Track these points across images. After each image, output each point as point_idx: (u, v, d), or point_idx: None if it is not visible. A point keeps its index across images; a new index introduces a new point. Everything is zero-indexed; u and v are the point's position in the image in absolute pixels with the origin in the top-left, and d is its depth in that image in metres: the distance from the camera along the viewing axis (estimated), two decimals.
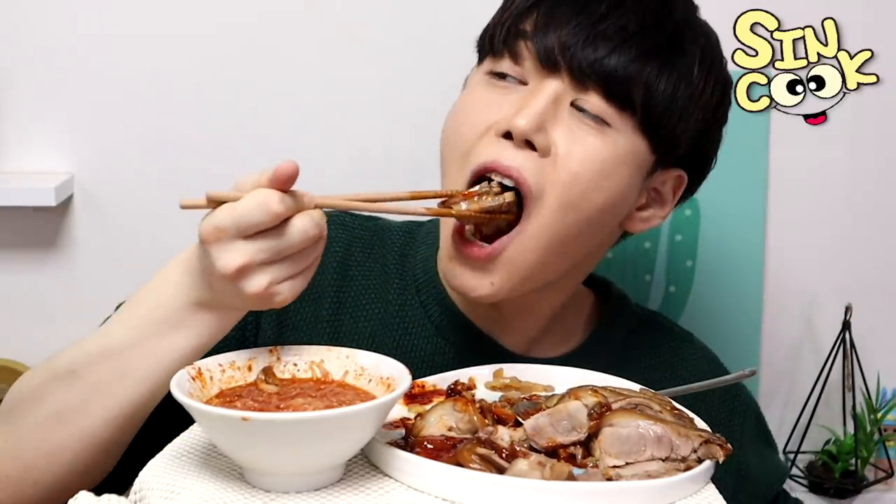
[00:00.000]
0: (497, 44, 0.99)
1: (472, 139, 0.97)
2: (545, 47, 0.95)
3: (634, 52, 0.95)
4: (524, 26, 0.97)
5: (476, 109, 0.98)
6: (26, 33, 1.39)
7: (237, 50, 1.41)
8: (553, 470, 0.76)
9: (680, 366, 1.12)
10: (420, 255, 1.09)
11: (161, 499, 0.77)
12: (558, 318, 1.09)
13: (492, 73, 0.99)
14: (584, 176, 0.95)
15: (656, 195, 1.04)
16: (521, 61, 0.97)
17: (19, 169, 1.42)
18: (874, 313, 1.50)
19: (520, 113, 0.94)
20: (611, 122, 0.96)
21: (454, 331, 1.06)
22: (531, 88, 0.97)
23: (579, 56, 0.94)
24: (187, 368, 0.81)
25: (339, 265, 1.06)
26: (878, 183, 1.48)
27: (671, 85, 0.96)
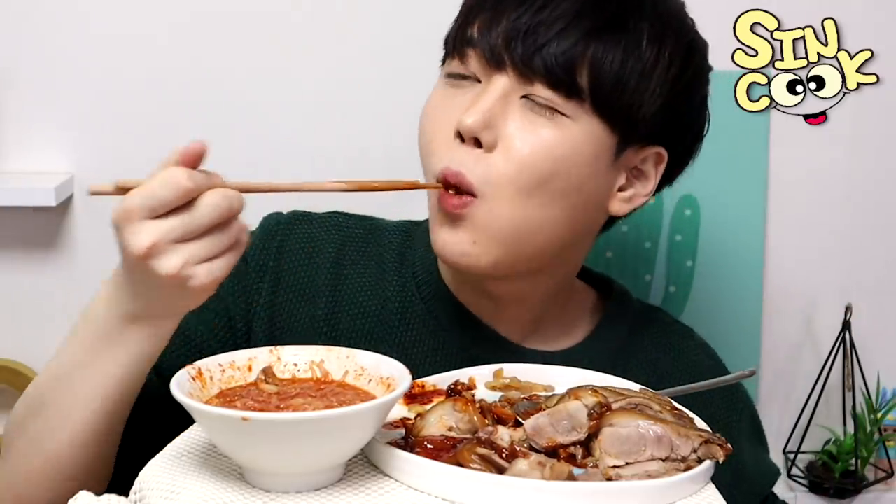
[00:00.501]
0: (450, 45, 1.01)
1: (433, 142, 0.98)
2: (489, 44, 0.96)
3: (574, 38, 0.95)
4: (472, 26, 0.99)
5: (436, 112, 1.00)
6: (26, 33, 1.39)
7: (238, 50, 1.41)
8: (553, 470, 0.76)
9: (681, 361, 1.12)
10: (419, 253, 1.09)
11: (161, 499, 0.77)
12: (558, 312, 1.09)
13: (448, 74, 1.01)
14: (537, 164, 0.95)
15: (637, 173, 1.04)
16: (468, 60, 0.98)
17: (19, 169, 1.42)
18: (874, 313, 1.50)
19: (467, 111, 0.95)
20: (562, 110, 0.96)
21: (457, 324, 1.06)
22: (482, 86, 0.98)
23: (521, 49, 0.95)
24: (187, 368, 0.81)
25: (332, 265, 1.07)
26: (878, 183, 1.48)
27: (617, 63, 0.96)
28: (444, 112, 0.99)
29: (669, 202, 1.44)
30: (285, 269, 1.06)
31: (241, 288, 1.05)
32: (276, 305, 1.05)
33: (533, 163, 0.95)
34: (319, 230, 1.09)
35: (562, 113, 0.96)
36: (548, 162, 0.96)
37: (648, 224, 1.44)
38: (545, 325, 1.09)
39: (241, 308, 1.04)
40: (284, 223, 1.09)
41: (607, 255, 1.44)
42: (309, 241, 1.08)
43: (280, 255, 1.07)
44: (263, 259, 1.06)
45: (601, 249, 1.44)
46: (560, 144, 0.96)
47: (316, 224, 1.10)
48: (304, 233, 1.09)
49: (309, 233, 1.09)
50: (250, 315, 1.04)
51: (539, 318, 1.09)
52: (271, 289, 1.05)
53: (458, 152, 0.96)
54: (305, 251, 1.07)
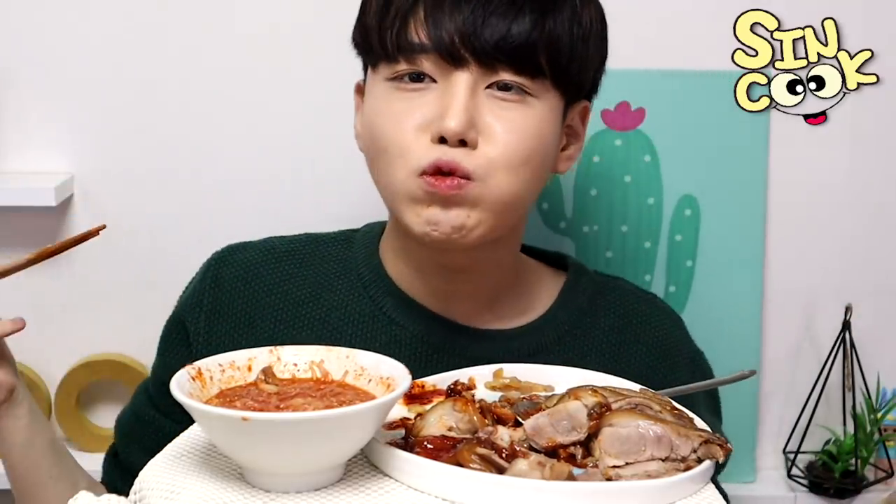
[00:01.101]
0: (391, 49, 0.99)
1: (406, 143, 0.98)
2: (445, 45, 0.96)
3: (529, 19, 0.97)
4: (414, 27, 0.98)
5: (397, 117, 0.99)
6: (26, 33, 1.39)
7: (238, 50, 1.41)
8: (553, 470, 0.76)
9: (644, 326, 1.14)
10: (362, 255, 1.11)
11: (161, 499, 0.77)
12: (512, 288, 1.11)
13: (394, 79, 1.00)
14: (521, 145, 0.98)
15: (570, 131, 1.08)
16: (421, 62, 0.98)
17: (19, 169, 1.42)
18: (874, 313, 1.49)
19: (447, 115, 0.96)
20: (529, 90, 0.99)
21: (407, 316, 1.08)
22: (444, 86, 0.98)
23: (481, 43, 0.96)
24: (187, 368, 0.81)
25: (272, 286, 1.10)
26: (878, 183, 1.48)
27: (567, 35, 0.99)
28: (407, 116, 0.98)
29: (669, 202, 1.44)
30: (223, 301, 1.09)
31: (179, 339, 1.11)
32: (214, 339, 1.08)
33: (517, 145, 0.98)
34: (255, 255, 1.12)
35: (529, 93, 0.99)
36: (529, 141, 0.99)
37: (648, 224, 1.44)
38: (501, 304, 1.10)
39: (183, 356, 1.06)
40: (217, 259, 1.12)
41: (607, 255, 1.44)
42: (244, 268, 1.11)
43: (216, 289, 1.10)
44: (198, 298, 1.10)
45: (601, 249, 1.44)
46: (535, 123, 0.99)
47: (251, 251, 1.13)
48: (240, 261, 1.11)
49: (244, 260, 1.12)
50: (195, 342, 1.09)
51: (494, 297, 1.10)
52: (207, 324, 1.09)
53: (443, 151, 0.96)
54: (242, 279, 1.10)
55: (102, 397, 1.50)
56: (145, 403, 1.13)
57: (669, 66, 1.41)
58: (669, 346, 1.14)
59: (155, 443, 0.90)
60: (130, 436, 1.13)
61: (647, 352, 1.12)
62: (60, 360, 1.46)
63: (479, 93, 0.98)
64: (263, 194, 1.44)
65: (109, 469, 1.16)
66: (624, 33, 1.42)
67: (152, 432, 1.09)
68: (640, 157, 1.42)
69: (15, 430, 1.04)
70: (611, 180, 1.43)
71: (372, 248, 1.12)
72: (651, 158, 1.42)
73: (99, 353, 1.46)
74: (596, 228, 1.44)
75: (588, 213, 1.43)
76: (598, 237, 1.44)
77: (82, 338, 1.46)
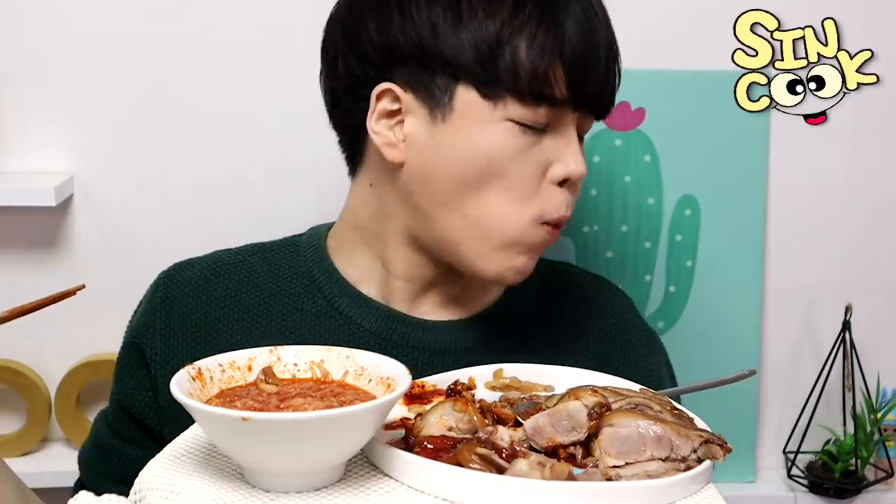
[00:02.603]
0: (530, 90, 0.97)
1: (530, 187, 1.00)
2: (586, 103, 1.01)
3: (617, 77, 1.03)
4: (555, 81, 0.97)
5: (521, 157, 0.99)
6: (26, 33, 1.39)
7: (239, 50, 1.41)
8: (553, 470, 0.76)
9: (596, 308, 1.16)
10: (311, 258, 1.11)
11: (161, 499, 0.77)
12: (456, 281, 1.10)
13: (521, 124, 0.98)
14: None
15: None
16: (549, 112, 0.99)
17: (19, 169, 1.42)
18: (874, 313, 1.50)
19: (572, 160, 1.00)
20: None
21: (364, 314, 1.08)
22: (559, 130, 1.00)
23: (605, 101, 1.02)
24: (187, 368, 0.81)
25: (224, 298, 1.09)
26: (878, 183, 1.48)
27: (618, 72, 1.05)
28: (531, 158, 0.99)
29: (669, 202, 1.44)
30: (175, 318, 1.08)
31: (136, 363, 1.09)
32: (172, 357, 1.07)
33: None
34: (202, 271, 1.11)
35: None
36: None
37: (648, 224, 1.44)
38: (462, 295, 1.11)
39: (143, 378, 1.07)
40: (165, 277, 1.12)
41: (607, 255, 1.44)
42: (193, 284, 1.10)
43: (167, 307, 1.09)
44: (149, 319, 1.09)
45: (601, 249, 1.44)
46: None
47: (197, 266, 1.12)
48: (188, 277, 1.11)
49: (191, 276, 1.11)
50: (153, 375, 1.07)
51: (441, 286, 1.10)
52: (163, 343, 1.08)
53: (565, 197, 1.02)
54: (192, 294, 1.09)
55: (102, 397, 1.50)
56: (106, 433, 1.11)
57: (669, 66, 1.41)
58: (623, 327, 1.15)
59: (121, 471, 0.89)
60: (95, 469, 1.11)
61: (601, 333, 1.14)
62: (60, 360, 1.46)
63: None
64: (263, 194, 1.44)
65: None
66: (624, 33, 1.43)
67: (116, 461, 1.08)
68: (640, 157, 1.42)
69: None
70: (611, 180, 1.43)
71: (321, 250, 1.12)
72: (651, 158, 1.42)
73: (99, 353, 1.46)
74: (596, 228, 1.44)
75: (588, 213, 1.43)
76: (598, 237, 1.44)
77: (82, 338, 1.46)
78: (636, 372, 1.08)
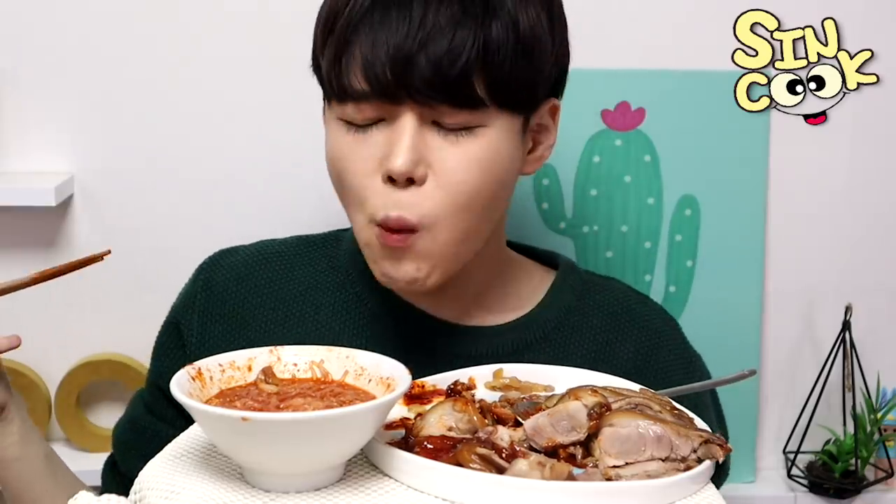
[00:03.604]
0: (337, 92, 0.97)
1: (360, 187, 0.97)
2: (381, 86, 0.93)
3: (461, 51, 0.92)
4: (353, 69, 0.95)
5: (350, 157, 0.98)
6: (26, 33, 1.39)
7: (239, 50, 1.41)
8: (553, 470, 0.76)
9: (632, 325, 1.12)
10: (350, 253, 1.11)
11: (161, 499, 0.77)
12: (499, 285, 1.10)
13: (344, 121, 0.98)
14: (469, 181, 0.96)
15: (539, 129, 1.04)
16: (364, 107, 0.96)
17: (19, 169, 1.42)
18: (874, 313, 1.49)
19: (392, 155, 0.94)
20: (473, 122, 0.96)
21: (392, 313, 1.08)
22: (390, 124, 0.96)
23: (414, 82, 0.92)
24: (187, 368, 0.81)
25: (263, 288, 1.10)
26: (878, 183, 1.48)
27: (508, 55, 0.93)
28: (359, 156, 0.97)
29: (669, 202, 1.44)
30: (215, 302, 1.10)
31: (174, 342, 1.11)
32: (208, 340, 1.09)
33: (465, 181, 0.96)
34: (245, 258, 1.13)
35: (473, 126, 0.96)
36: (478, 174, 0.96)
37: (648, 224, 1.44)
38: (486, 300, 1.10)
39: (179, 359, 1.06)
40: (208, 262, 1.14)
41: (607, 255, 1.44)
42: (235, 271, 1.11)
43: (207, 290, 1.11)
44: (190, 300, 1.11)
45: (601, 249, 1.44)
46: (483, 155, 0.96)
47: (241, 254, 1.14)
48: (231, 264, 1.12)
49: (234, 263, 1.12)
50: (189, 344, 1.09)
51: (479, 293, 1.10)
52: (200, 325, 1.09)
53: (392, 194, 0.95)
54: (234, 281, 1.11)
55: (102, 397, 1.50)
56: (142, 411, 1.13)
57: (669, 66, 1.41)
58: (659, 346, 1.12)
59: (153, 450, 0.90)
60: (128, 444, 1.13)
61: (634, 351, 1.10)
62: (60, 360, 1.46)
63: (425, 128, 0.95)
64: (264, 195, 1.44)
65: (108, 479, 1.16)
66: (624, 33, 1.43)
67: (149, 439, 1.08)
68: (640, 157, 1.42)
69: (6, 447, 1.04)
70: (611, 180, 1.43)
71: (357, 245, 1.11)
72: (651, 158, 1.42)
73: (99, 353, 1.46)
74: (596, 228, 1.44)
75: (588, 213, 1.43)
76: (598, 237, 1.44)
77: (82, 338, 1.46)
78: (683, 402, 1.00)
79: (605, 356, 1.08)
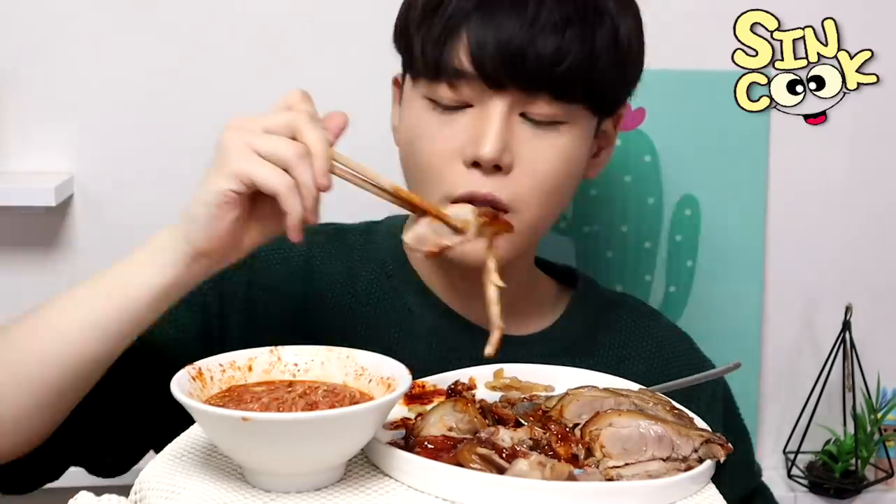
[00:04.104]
0: (432, 70, 0.98)
1: (438, 167, 0.99)
2: (487, 71, 0.95)
3: (570, 48, 0.95)
4: (456, 49, 0.96)
5: (435, 139, 0.99)
6: (27, 33, 1.39)
7: (238, 49, 1.41)
8: (553, 470, 0.76)
9: (645, 340, 1.14)
10: (387, 246, 1.11)
11: (161, 499, 0.77)
12: (527, 296, 1.11)
13: (435, 101, 0.99)
14: (554, 173, 0.99)
15: (603, 138, 1.08)
16: (462, 88, 0.97)
17: (19, 169, 1.42)
18: (874, 313, 1.50)
19: (482, 141, 0.96)
20: (562, 119, 0.98)
21: (426, 310, 1.08)
22: (481, 109, 0.97)
23: (524, 72, 0.95)
24: (187, 368, 0.81)
25: (300, 270, 1.09)
26: (878, 183, 1.48)
27: (606, 59, 0.97)
28: (444, 138, 0.98)
29: (669, 202, 1.44)
30: (258, 269, 1.08)
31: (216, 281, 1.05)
32: (251, 300, 1.07)
33: (551, 173, 0.99)
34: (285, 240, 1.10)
35: (561, 122, 0.99)
36: (562, 168, 1.00)
37: (648, 224, 1.44)
38: (515, 311, 1.09)
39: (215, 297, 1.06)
40: None
41: (607, 255, 1.44)
42: (277, 248, 1.10)
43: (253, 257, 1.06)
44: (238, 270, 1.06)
45: (601, 249, 1.44)
46: (568, 150, 1.00)
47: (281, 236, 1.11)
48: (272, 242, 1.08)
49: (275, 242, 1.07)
50: (223, 303, 1.06)
51: (510, 303, 1.09)
52: (246, 282, 1.07)
53: (477, 178, 0.97)
54: (276, 256, 1.10)
55: None
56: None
57: (669, 66, 1.41)
58: (670, 359, 1.13)
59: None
60: None
61: (646, 368, 1.11)
62: None
63: (514, 118, 0.97)
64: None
65: None
66: None
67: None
68: (640, 157, 1.42)
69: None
70: (611, 180, 1.43)
71: (397, 238, 1.09)
72: (651, 158, 1.42)
73: None
74: (596, 228, 1.44)
75: (588, 213, 1.43)
76: (598, 237, 1.44)
77: None
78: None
79: (619, 373, 1.08)
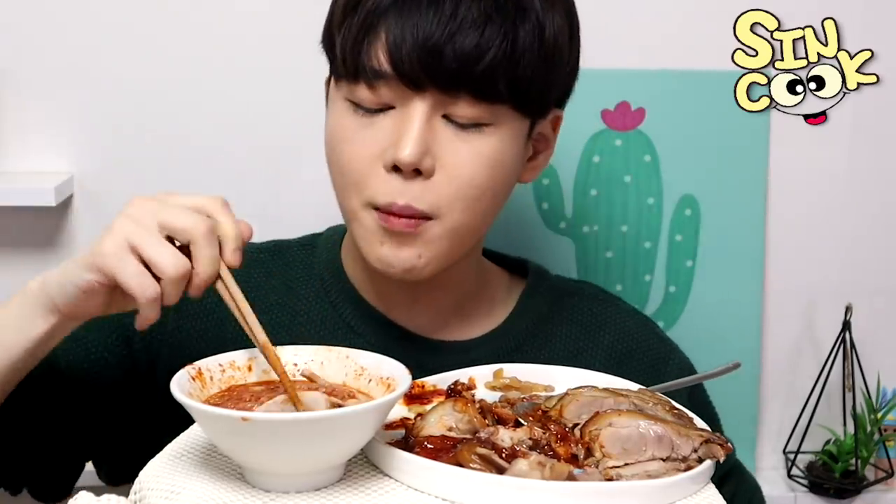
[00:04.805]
0: (351, 71, 0.96)
1: (360, 172, 0.97)
2: (405, 69, 0.92)
3: (490, 46, 0.92)
4: (374, 49, 0.94)
5: (354, 142, 0.97)
6: (27, 32, 1.39)
7: (239, 51, 1.41)
8: (553, 470, 0.76)
9: (603, 330, 1.12)
10: (324, 259, 1.10)
11: (161, 499, 0.77)
12: (475, 294, 1.10)
13: (352, 102, 0.97)
14: (478, 177, 0.96)
15: (540, 141, 1.05)
16: (380, 89, 0.95)
17: (19, 169, 1.42)
18: (874, 313, 1.49)
19: (401, 144, 0.93)
20: (487, 120, 0.96)
21: (366, 325, 1.07)
22: (401, 111, 0.95)
23: (442, 69, 0.92)
24: (187, 368, 0.81)
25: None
26: (878, 183, 1.48)
27: (531, 57, 0.94)
28: (364, 142, 0.96)
29: (669, 202, 1.44)
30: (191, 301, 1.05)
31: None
32: (182, 329, 1.06)
33: (474, 177, 0.96)
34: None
35: (486, 124, 0.96)
36: (486, 171, 0.97)
37: (648, 224, 1.44)
38: (463, 313, 1.09)
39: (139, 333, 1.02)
40: None
41: (607, 256, 1.44)
42: None
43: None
44: None
45: (601, 249, 1.44)
46: (494, 153, 0.97)
47: None
48: None
49: None
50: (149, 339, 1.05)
51: (457, 306, 1.09)
52: (175, 314, 1.05)
53: (398, 184, 0.95)
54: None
55: None
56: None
57: (669, 66, 1.41)
58: (631, 349, 1.12)
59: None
60: None
61: (606, 357, 1.10)
62: None
63: (435, 120, 0.95)
64: (264, 195, 1.44)
65: None
66: (624, 33, 1.43)
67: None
68: (640, 157, 1.42)
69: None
70: (611, 180, 1.43)
71: (334, 251, 1.10)
72: (651, 158, 1.42)
73: None
74: (596, 228, 1.44)
75: (588, 213, 1.43)
76: (598, 237, 1.44)
77: None
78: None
79: (578, 364, 1.07)
